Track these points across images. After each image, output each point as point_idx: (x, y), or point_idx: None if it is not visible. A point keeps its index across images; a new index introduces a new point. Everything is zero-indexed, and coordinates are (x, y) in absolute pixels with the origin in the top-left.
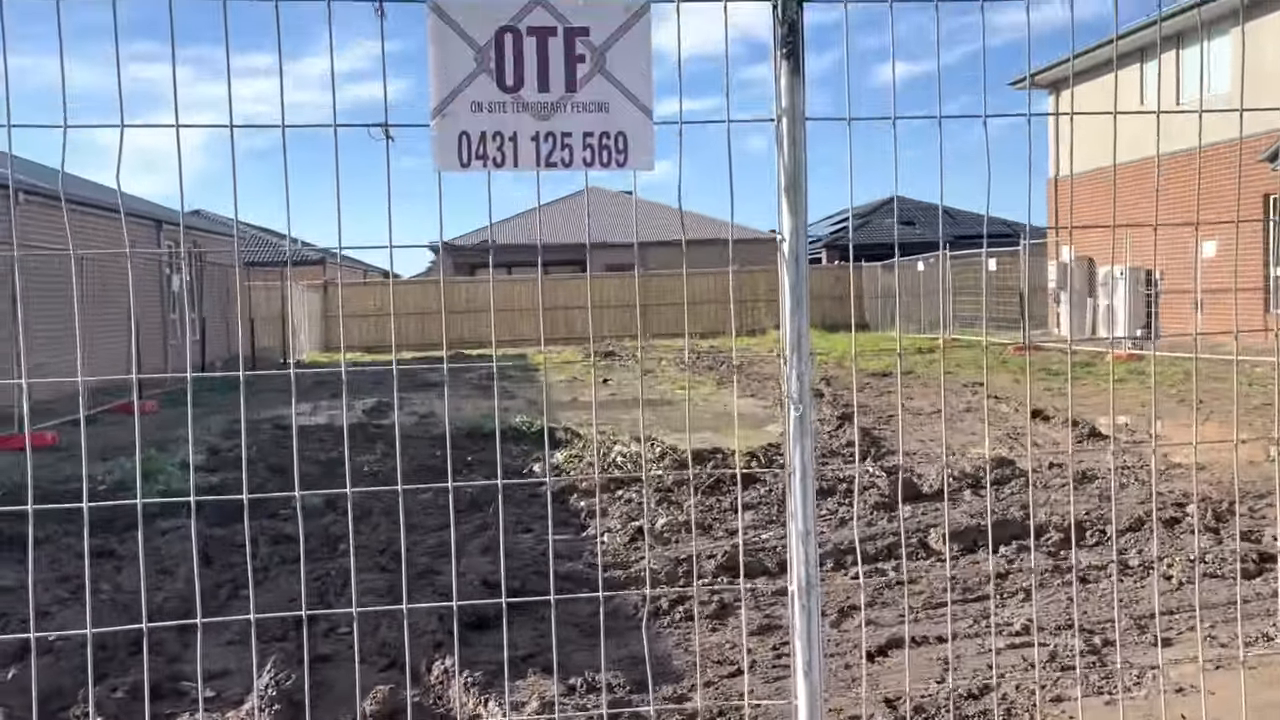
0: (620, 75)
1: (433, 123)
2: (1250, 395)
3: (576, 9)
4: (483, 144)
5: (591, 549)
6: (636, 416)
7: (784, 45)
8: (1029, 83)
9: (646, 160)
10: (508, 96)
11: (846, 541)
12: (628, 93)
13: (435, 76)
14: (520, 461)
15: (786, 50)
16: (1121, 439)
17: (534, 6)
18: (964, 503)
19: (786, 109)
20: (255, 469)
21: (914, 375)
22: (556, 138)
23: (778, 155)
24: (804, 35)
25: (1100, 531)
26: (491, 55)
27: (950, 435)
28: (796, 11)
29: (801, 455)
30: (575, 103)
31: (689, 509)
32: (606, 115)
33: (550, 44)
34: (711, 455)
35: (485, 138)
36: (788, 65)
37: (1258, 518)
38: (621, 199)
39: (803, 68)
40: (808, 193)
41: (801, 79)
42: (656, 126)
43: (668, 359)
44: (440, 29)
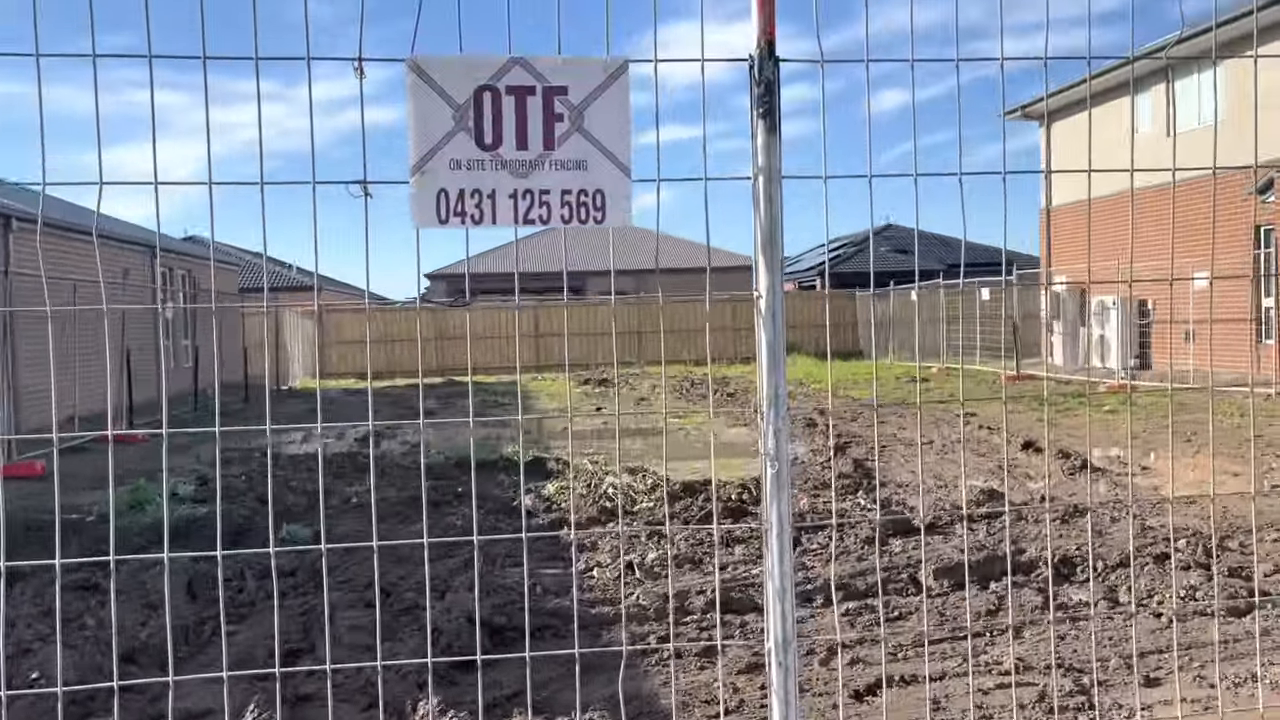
0: (599, 133)
1: (411, 180)
2: (1241, 427)
3: (555, 68)
4: (461, 201)
5: (581, 584)
6: (629, 446)
7: (760, 104)
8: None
9: (624, 217)
10: (486, 154)
11: (837, 577)
12: (606, 151)
13: (414, 134)
14: (510, 493)
15: (763, 109)
16: (1113, 472)
17: (513, 66)
18: (955, 537)
19: (763, 167)
20: (244, 500)
21: (907, 405)
22: (535, 195)
23: (754, 213)
24: (780, 94)
25: (1092, 567)
26: (470, 114)
27: (942, 466)
28: (773, 71)
29: (778, 511)
30: (554, 160)
31: (678, 542)
32: (585, 173)
33: (529, 102)
34: (703, 487)
35: (464, 195)
36: (764, 124)
37: (1247, 553)
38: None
39: (779, 126)
40: (784, 249)
41: (778, 137)
42: (637, 181)
43: (661, 386)
44: (419, 87)
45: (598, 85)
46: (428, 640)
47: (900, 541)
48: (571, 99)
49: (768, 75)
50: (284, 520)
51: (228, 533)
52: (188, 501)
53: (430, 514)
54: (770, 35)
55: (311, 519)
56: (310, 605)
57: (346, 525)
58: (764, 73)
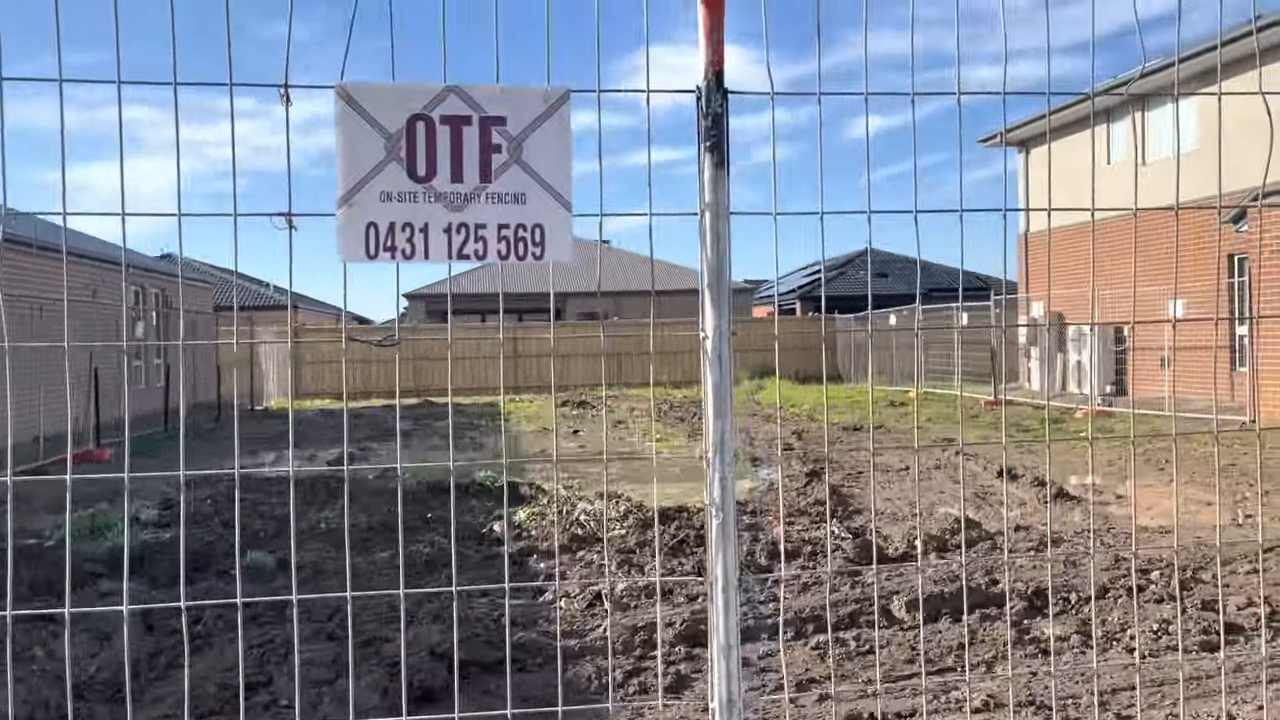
0: (538, 165)
1: (339, 212)
2: (1213, 456)
3: (492, 97)
4: (391, 235)
5: (548, 615)
6: (602, 471)
7: (707, 138)
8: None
9: (564, 251)
10: (419, 186)
11: (808, 609)
12: (545, 184)
13: (343, 164)
14: (481, 520)
15: (711, 143)
16: (1087, 501)
17: (448, 95)
18: (929, 566)
19: (710, 203)
20: (210, 525)
21: (885, 430)
22: (470, 229)
23: (700, 250)
24: (729, 127)
25: (1064, 599)
26: (402, 144)
27: (919, 494)
28: (721, 104)
29: (724, 564)
30: (490, 193)
31: (649, 572)
32: (523, 207)
33: (464, 133)
34: (677, 514)
35: (394, 228)
36: (711, 158)
37: (1223, 585)
38: (594, 248)
39: (727, 161)
40: (731, 287)
41: (726, 172)
42: (581, 218)
43: (640, 409)
44: (348, 116)
45: (537, 115)
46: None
47: (874, 572)
48: (510, 129)
49: (715, 108)
50: (248, 547)
51: (188, 560)
52: (150, 526)
53: (394, 540)
54: (718, 66)
55: (277, 545)
56: (270, 637)
57: (313, 552)
58: (711, 105)
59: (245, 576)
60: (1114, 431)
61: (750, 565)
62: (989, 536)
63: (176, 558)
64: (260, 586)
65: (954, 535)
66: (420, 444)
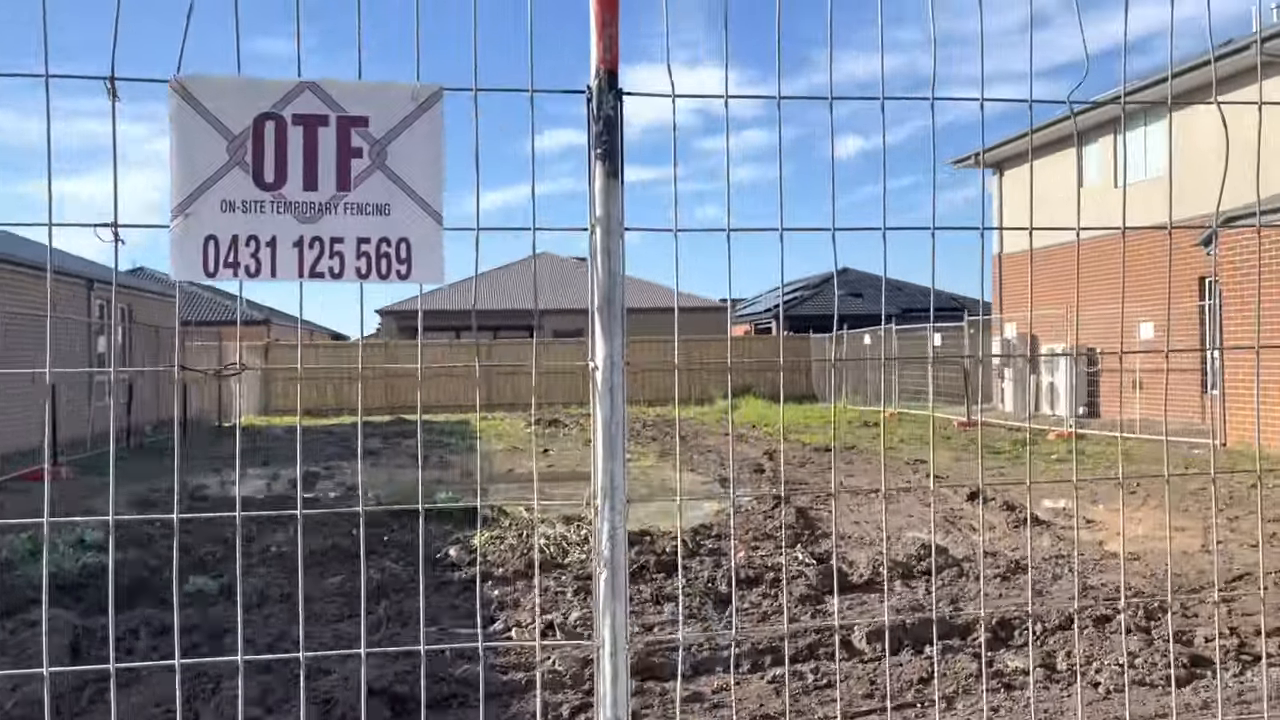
0: (405, 173)
1: (173, 224)
2: (1187, 480)
3: (354, 95)
4: (234, 250)
5: (497, 646)
6: (571, 491)
7: (599, 144)
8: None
9: (434, 271)
10: (267, 195)
11: (765, 640)
12: (413, 193)
13: (177, 169)
14: (438, 544)
15: (602, 150)
16: (1057, 525)
17: (302, 90)
18: (893, 594)
19: (601, 217)
20: (156, 547)
21: (857, 450)
22: (325, 244)
23: (590, 268)
24: (623, 132)
25: (1029, 629)
26: (248, 146)
27: (888, 517)
28: (613, 106)
29: (612, 626)
30: (349, 204)
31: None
32: (387, 219)
33: (320, 135)
34: (639, 539)
35: (237, 242)
36: (603, 167)
37: (1190, 616)
38: (574, 265)
39: (621, 170)
40: (625, 311)
41: (620, 182)
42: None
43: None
44: (185, 113)
45: (405, 116)
46: None
47: (835, 600)
48: (373, 131)
49: (607, 110)
50: (194, 571)
51: (129, 585)
52: (93, 549)
53: (350, 564)
54: (611, 64)
55: (224, 569)
56: (202, 669)
57: (262, 577)
58: (603, 107)
59: (185, 602)
60: (1086, 454)
61: (710, 593)
62: (956, 563)
63: (119, 580)
64: (198, 612)
65: (920, 561)
66: (388, 462)
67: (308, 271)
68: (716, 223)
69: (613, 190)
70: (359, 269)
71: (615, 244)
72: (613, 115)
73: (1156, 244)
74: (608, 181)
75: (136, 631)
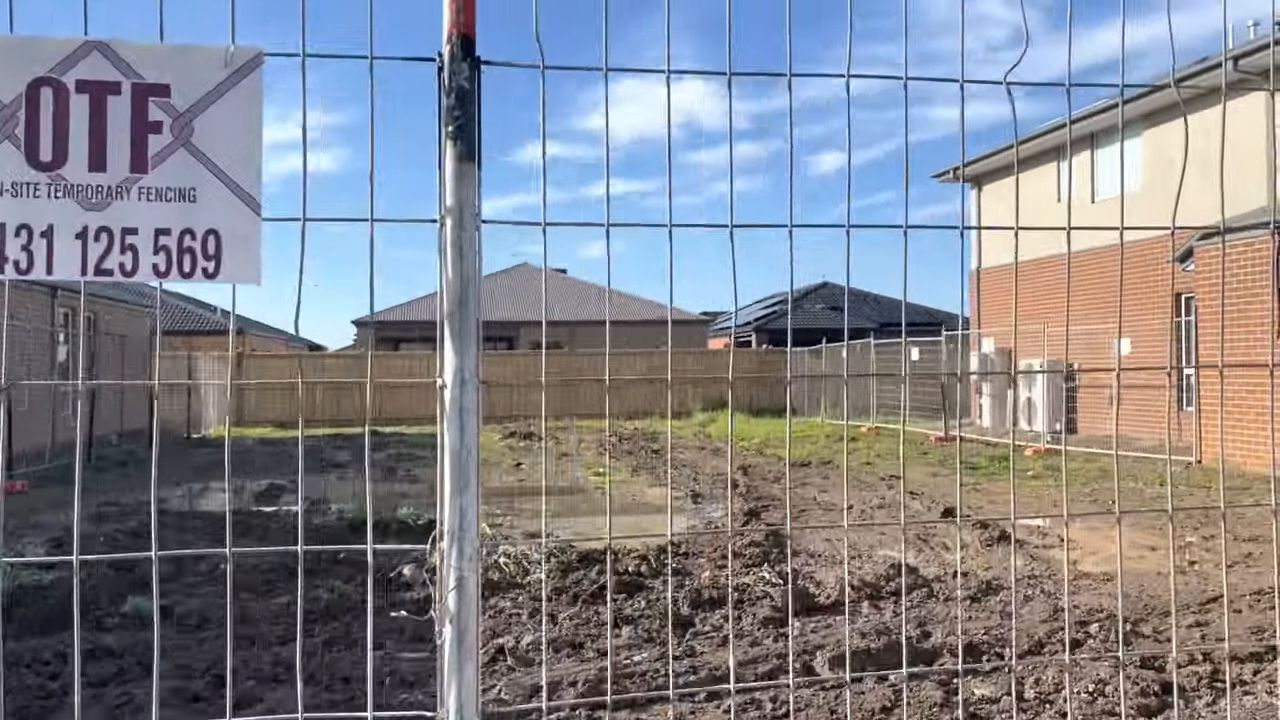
0: (214, 152)
1: None
2: (1163, 498)
3: (153, 58)
4: (0, 241)
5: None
6: (539, 507)
7: (450, 120)
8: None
9: (249, 270)
10: (43, 176)
11: (724, 666)
12: (224, 176)
13: None
14: (395, 561)
15: (455, 127)
16: (1031, 544)
17: (89, 51)
18: (860, 616)
19: (451, 208)
20: (100, 566)
21: (832, 465)
22: (114, 235)
23: (440, 267)
24: (481, 107)
25: (998, 654)
26: (19, 117)
27: (859, 533)
28: (468, 77)
29: (458, 696)
30: (146, 188)
31: (561, 621)
32: (192, 206)
33: (111, 105)
34: (601, 557)
35: (4, 232)
36: (455, 148)
37: (1162, 639)
38: (556, 277)
39: (479, 152)
40: (480, 319)
41: (476, 166)
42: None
43: (588, 440)
44: None
45: (216, 85)
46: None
47: (801, 622)
48: (175, 103)
49: (461, 81)
50: (134, 591)
51: (66, 606)
52: (36, 567)
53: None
54: (466, 29)
55: (170, 588)
56: (130, 695)
57: (206, 597)
58: (456, 78)
59: (119, 625)
60: (1061, 470)
61: (671, 615)
62: (926, 583)
63: (55, 601)
64: (131, 636)
65: (890, 581)
66: (357, 475)
67: (93, 268)
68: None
69: (467, 175)
70: (156, 266)
71: (469, 239)
72: (467, 87)
73: (1134, 260)
74: (460, 165)
75: (65, 656)
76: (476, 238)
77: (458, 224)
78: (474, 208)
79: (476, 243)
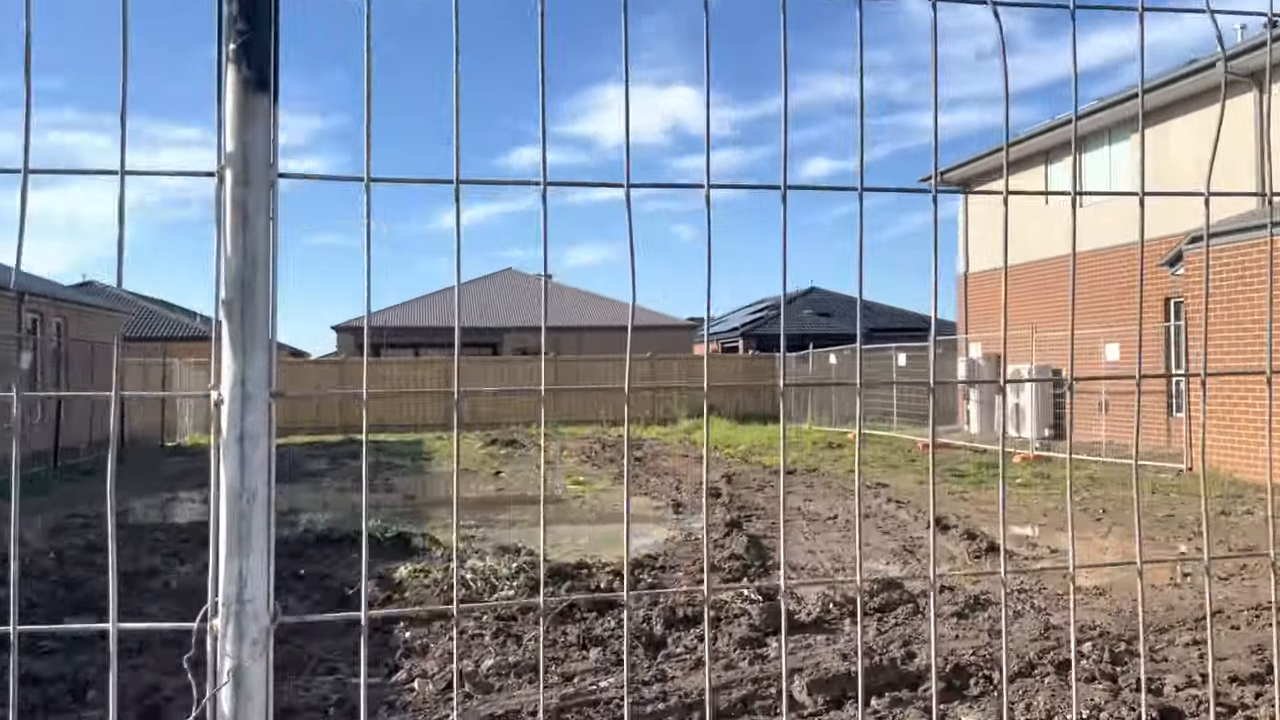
0: None
1: None
2: (1154, 506)
3: None
4: None
5: (398, 698)
6: (516, 517)
7: (234, 35)
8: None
9: None
10: None
11: (697, 692)
12: None
13: None
14: (356, 576)
15: (239, 44)
16: (1020, 555)
17: None
18: (843, 635)
19: (233, 155)
20: (45, 580)
21: (818, 474)
22: None
23: (217, 240)
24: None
25: (986, 678)
26: None
27: (843, 545)
28: None
29: None
30: None
31: (526, 642)
32: None
33: None
34: (574, 572)
35: None
36: (238, 74)
37: (1159, 659)
38: (540, 282)
39: (274, 79)
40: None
41: (271, 100)
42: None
43: (571, 448)
44: None
45: None
46: None
47: (779, 642)
48: None
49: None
50: (76, 610)
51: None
52: None
53: None
54: None
55: (126, 603)
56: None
57: (150, 616)
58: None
59: (55, 648)
60: (1050, 478)
61: (643, 635)
62: (911, 598)
63: None
64: (65, 660)
65: (874, 597)
66: (331, 485)
67: None
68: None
69: (256, 111)
70: None
71: (256, 199)
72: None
73: (1121, 265)
74: (247, 97)
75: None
76: (269, 198)
77: (241, 178)
78: (266, 156)
79: (270, 204)
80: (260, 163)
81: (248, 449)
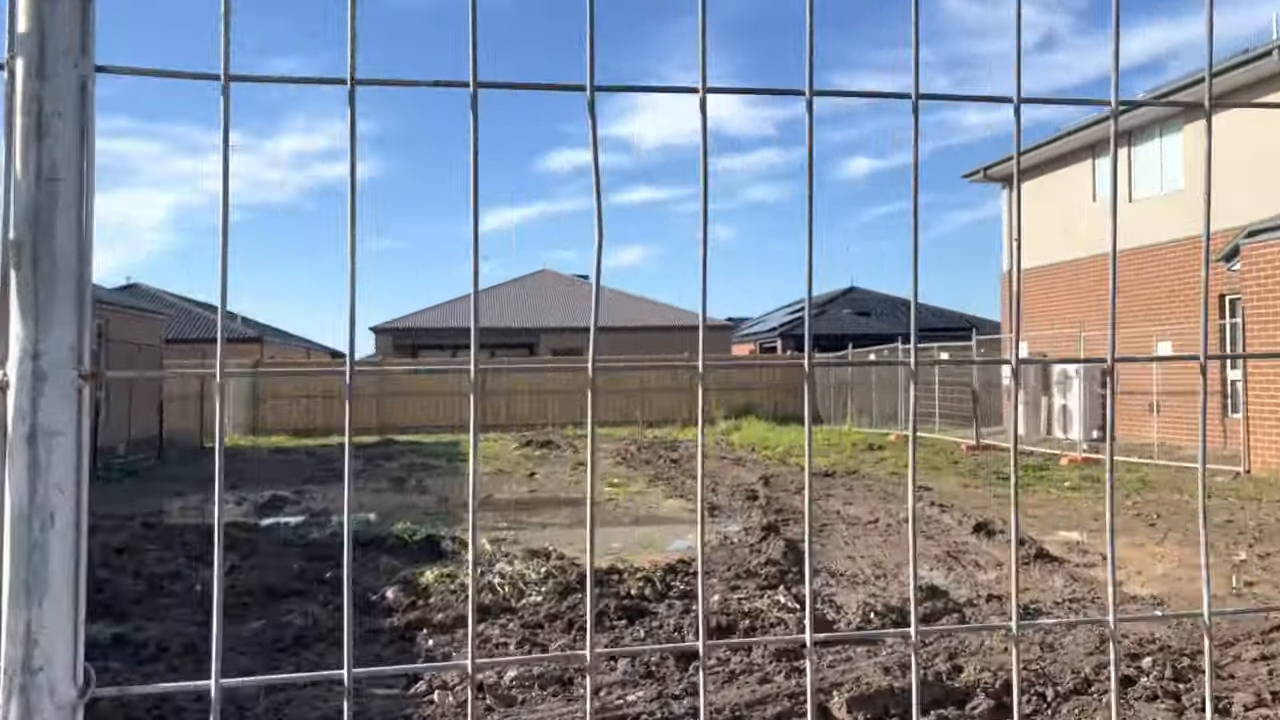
0: None
1: None
2: (1212, 511)
3: None
4: None
5: (418, 710)
6: (549, 519)
7: None
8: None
9: None
10: None
11: (729, 706)
12: None
13: None
14: (383, 581)
15: None
16: (1070, 563)
17: None
18: (885, 647)
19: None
20: None
21: (858, 475)
22: None
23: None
24: None
25: (1039, 695)
26: None
27: (885, 550)
28: None
29: None
30: None
31: (552, 652)
32: None
33: None
34: (604, 578)
35: None
36: None
37: (1224, 676)
38: (576, 283)
39: None
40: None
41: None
42: None
43: (606, 450)
44: None
45: None
46: None
47: (818, 654)
48: None
49: None
50: (95, 617)
51: None
52: None
53: (276, 606)
54: None
55: (139, 611)
56: None
57: (173, 621)
58: None
59: None
60: (1099, 480)
61: (674, 644)
62: (958, 607)
63: None
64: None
65: (919, 605)
66: (366, 485)
67: None
68: (726, 245)
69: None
70: None
71: (60, 99)
72: None
73: (1174, 261)
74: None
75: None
76: (81, 100)
77: (34, 70)
78: (74, 42)
79: (81, 108)
80: (64, 49)
81: (42, 452)
